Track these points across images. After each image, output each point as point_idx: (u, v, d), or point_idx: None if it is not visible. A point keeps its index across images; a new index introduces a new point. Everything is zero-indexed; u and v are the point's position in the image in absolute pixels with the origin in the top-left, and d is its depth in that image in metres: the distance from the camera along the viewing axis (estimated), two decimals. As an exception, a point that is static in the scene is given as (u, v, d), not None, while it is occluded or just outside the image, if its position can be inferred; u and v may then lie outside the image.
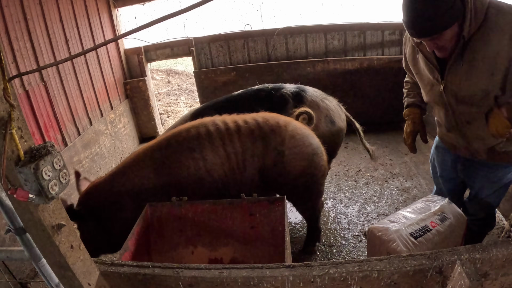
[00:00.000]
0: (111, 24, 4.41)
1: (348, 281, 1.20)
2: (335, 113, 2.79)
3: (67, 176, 0.95)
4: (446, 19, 1.30)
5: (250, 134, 2.08)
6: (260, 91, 2.70)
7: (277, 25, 4.65)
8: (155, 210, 2.19)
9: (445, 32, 1.35)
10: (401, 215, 1.74)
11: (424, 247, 1.58)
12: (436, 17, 1.30)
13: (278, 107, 2.56)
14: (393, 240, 1.61)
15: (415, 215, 1.71)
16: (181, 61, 9.32)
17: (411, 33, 1.40)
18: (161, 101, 6.61)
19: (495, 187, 1.79)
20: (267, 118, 2.17)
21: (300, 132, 2.17)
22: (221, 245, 2.22)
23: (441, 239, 1.63)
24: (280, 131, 2.10)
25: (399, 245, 1.58)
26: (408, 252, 1.55)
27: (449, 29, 1.34)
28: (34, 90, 2.95)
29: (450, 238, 1.68)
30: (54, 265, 1.02)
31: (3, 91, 0.81)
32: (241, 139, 2.06)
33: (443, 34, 1.35)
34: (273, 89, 2.73)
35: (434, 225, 1.65)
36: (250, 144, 2.06)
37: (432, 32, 1.34)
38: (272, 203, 2.13)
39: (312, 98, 2.78)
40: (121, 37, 2.93)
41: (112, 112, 4.23)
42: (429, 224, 1.65)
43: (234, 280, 1.23)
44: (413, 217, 1.70)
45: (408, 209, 1.79)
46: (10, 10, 2.72)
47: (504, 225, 2.47)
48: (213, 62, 4.75)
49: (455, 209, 1.75)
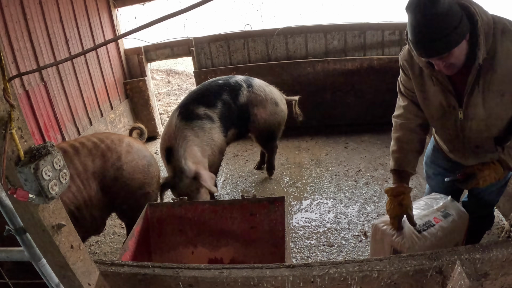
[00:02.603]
0: (111, 24, 4.41)
1: (348, 281, 1.20)
2: (277, 96, 3.44)
3: (67, 176, 0.95)
4: (455, 37, 1.29)
5: (89, 154, 2.20)
6: (219, 79, 3.22)
7: (277, 25, 4.64)
8: (155, 210, 2.19)
9: (453, 50, 1.33)
10: None
11: (428, 241, 1.56)
12: (444, 36, 1.28)
13: (235, 89, 3.15)
14: (397, 233, 1.60)
15: (418, 211, 1.71)
16: (181, 61, 9.31)
17: (420, 53, 1.36)
18: (161, 101, 6.61)
19: (497, 185, 1.77)
20: (101, 137, 2.34)
21: (134, 146, 2.39)
22: (221, 245, 2.22)
23: (444, 234, 1.62)
24: (116, 147, 2.28)
25: (403, 238, 1.57)
26: (412, 246, 1.55)
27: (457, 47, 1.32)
28: (34, 90, 2.95)
29: (453, 234, 1.67)
30: (54, 265, 1.02)
31: (3, 91, 0.81)
32: (81, 160, 2.16)
33: (452, 52, 1.33)
34: (229, 77, 3.31)
35: (437, 221, 1.64)
36: (90, 162, 2.18)
37: (441, 51, 1.32)
38: (272, 203, 2.13)
39: (259, 83, 3.35)
40: (121, 37, 2.93)
41: (112, 112, 4.23)
42: (432, 220, 1.65)
43: (234, 280, 1.23)
44: (416, 212, 1.68)
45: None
46: (10, 10, 2.72)
47: (504, 225, 2.47)
48: (213, 62, 4.74)
49: (458, 206, 1.75)
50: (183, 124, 2.79)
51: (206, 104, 2.95)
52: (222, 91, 3.08)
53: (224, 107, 3.01)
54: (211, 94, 3.03)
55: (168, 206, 2.19)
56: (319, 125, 4.60)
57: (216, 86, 3.11)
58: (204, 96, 3.01)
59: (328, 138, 4.38)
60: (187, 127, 2.79)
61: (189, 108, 2.90)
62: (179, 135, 2.74)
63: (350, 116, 4.54)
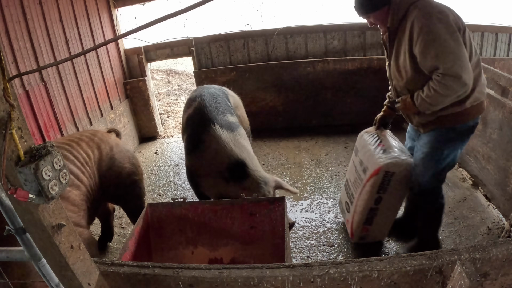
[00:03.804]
0: (111, 24, 4.41)
1: (348, 281, 1.20)
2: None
3: (67, 176, 0.95)
4: (369, 6, 1.92)
5: (88, 146, 2.37)
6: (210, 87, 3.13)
7: (277, 25, 4.64)
8: (155, 210, 2.19)
9: (375, 14, 1.94)
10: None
11: (390, 138, 2.40)
12: (361, 4, 1.94)
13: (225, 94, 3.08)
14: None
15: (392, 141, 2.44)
16: (181, 61, 9.31)
17: (356, 12, 2.00)
18: (161, 101, 6.61)
19: (422, 150, 2.12)
20: (91, 132, 2.55)
21: (119, 141, 2.68)
22: (221, 245, 2.22)
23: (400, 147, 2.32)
24: (107, 140, 2.50)
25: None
26: (392, 137, 2.43)
27: (378, 12, 1.93)
28: (34, 90, 2.95)
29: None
30: (54, 265, 1.02)
31: (3, 91, 0.82)
32: (84, 149, 2.32)
33: (370, 15, 1.96)
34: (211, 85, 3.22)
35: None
36: (91, 152, 2.35)
37: (364, 12, 1.96)
38: (272, 203, 2.13)
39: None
40: (121, 37, 2.92)
41: (112, 112, 4.23)
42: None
43: (234, 280, 1.23)
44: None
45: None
46: (10, 10, 2.72)
47: (504, 225, 2.47)
48: (213, 62, 4.74)
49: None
50: (233, 135, 2.57)
51: (228, 111, 2.81)
52: (223, 96, 2.98)
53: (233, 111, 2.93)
54: (222, 101, 2.89)
55: (168, 206, 2.19)
56: (319, 125, 4.60)
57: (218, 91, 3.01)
58: (219, 103, 2.82)
59: (328, 138, 4.38)
60: (239, 137, 2.59)
61: (223, 119, 2.69)
62: (239, 147, 2.51)
63: (350, 116, 4.53)
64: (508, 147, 2.53)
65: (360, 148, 2.53)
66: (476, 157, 2.96)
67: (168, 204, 2.20)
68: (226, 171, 2.40)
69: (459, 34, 1.78)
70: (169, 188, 3.68)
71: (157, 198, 3.53)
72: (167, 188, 3.67)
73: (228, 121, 2.69)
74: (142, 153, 4.58)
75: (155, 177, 3.92)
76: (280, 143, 4.41)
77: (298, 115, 4.65)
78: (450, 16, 1.80)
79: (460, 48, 1.76)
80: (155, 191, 3.64)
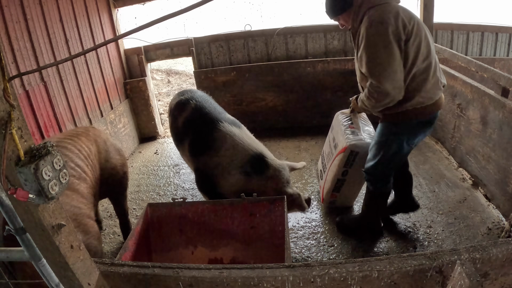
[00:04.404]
0: (111, 24, 4.41)
1: (348, 281, 1.20)
2: None
3: (67, 176, 0.95)
4: (338, 9, 2.09)
5: (87, 140, 2.43)
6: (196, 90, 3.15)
7: (277, 25, 4.64)
8: (155, 210, 2.19)
9: (343, 16, 2.11)
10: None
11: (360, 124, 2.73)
12: (332, 6, 2.11)
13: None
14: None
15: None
16: (181, 61, 9.31)
17: (327, 15, 2.18)
18: (161, 101, 6.61)
19: (374, 138, 2.33)
20: (86, 128, 2.69)
21: (108, 135, 2.82)
22: (221, 245, 2.22)
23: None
24: (100, 134, 2.60)
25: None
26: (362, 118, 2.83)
27: (345, 14, 2.10)
28: (34, 90, 2.95)
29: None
30: (54, 265, 1.02)
31: (3, 91, 0.82)
32: (85, 144, 2.39)
33: (342, 16, 2.12)
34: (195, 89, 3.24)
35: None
36: (91, 145, 2.42)
37: (334, 14, 2.14)
38: (272, 203, 2.13)
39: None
40: (121, 37, 2.92)
41: (112, 112, 4.23)
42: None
43: (234, 280, 1.23)
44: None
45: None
46: (10, 10, 2.72)
47: (504, 225, 2.47)
48: (213, 62, 4.74)
49: None
50: (243, 131, 2.61)
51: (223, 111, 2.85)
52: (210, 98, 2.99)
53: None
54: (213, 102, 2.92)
55: (168, 206, 2.19)
56: (319, 125, 4.60)
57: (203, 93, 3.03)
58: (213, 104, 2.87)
59: (328, 138, 4.37)
60: (247, 131, 2.63)
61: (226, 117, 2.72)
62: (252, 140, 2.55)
63: (350, 116, 4.53)
64: (508, 147, 2.53)
65: (335, 126, 2.91)
66: (476, 157, 2.96)
67: (168, 204, 2.20)
68: (248, 165, 2.40)
69: (395, 45, 1.88)
70: (169, 188, 3.68)
71: (157, 198, 3.52)
72: (167, 188, 3.67)
73: (231, 118, 2.73)
74: (142, 153, 4.58)
75: (155, 177, 3.92)
76: (280, 143, 4.41)
77: (298, 115, 4.65)
78: (391, 27, 1.88)
79: (390, 60, 1.89)
80: (155, 191, 3.64)
